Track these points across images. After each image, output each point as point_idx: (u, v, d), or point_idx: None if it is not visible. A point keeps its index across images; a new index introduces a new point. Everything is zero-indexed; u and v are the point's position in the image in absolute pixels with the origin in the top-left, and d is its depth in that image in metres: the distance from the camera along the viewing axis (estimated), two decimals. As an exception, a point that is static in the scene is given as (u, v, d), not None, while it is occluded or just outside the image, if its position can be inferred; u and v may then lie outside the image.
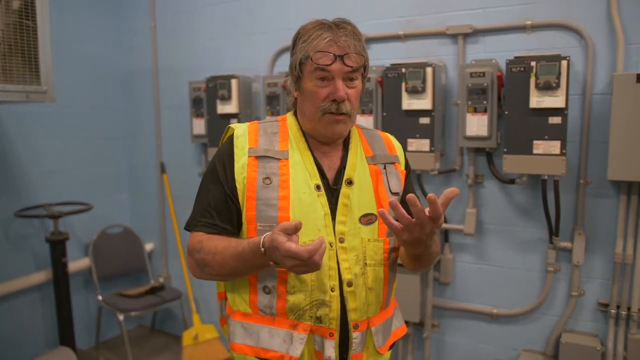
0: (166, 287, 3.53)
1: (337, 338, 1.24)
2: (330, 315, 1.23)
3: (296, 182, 1.24)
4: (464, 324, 2.78)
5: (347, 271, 1.25)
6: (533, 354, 2.59)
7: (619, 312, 2.37)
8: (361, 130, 1.42)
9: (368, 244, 1.29)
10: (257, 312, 1.27)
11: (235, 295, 1.31)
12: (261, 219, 1.23)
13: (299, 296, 1.22)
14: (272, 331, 1.25)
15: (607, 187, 2.37)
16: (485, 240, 2.68)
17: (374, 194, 1.32)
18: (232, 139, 1.31)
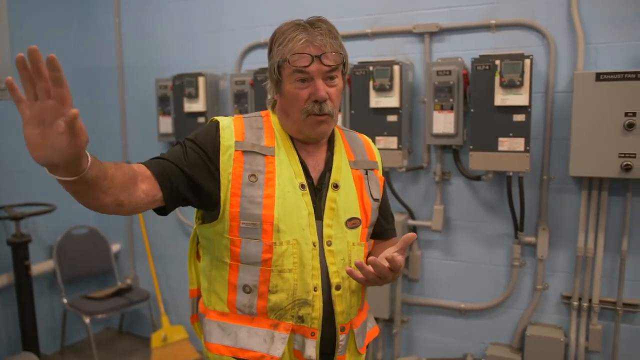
0: (134, 289, 3.47)
1: (319, 337, 1.24)
2: (313, 314, 1.23)
3: (281, 180, 1.23)
4: (433, 319, 2.82)
5: (335, 275, 1.25)
6: (500, 347, 2.65)
7: (581, 304, 2.44)
8: (343, 132, 1.42)
9: (353, 248, 1.30)
10: (235, 312, 1.25)
11: (212, 294, 1.29)
12: (245, 217, 1.21)
13: (281, 295, 1.22)
14: (252, 331, 1.24)
15: (569, 183, 2.44)
16: (453, 237, 2.72)
17: (358, 198, 1.33)
18: (217, 129, 1.24)
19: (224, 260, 1.24)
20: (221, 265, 1.25)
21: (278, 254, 1.20)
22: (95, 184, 1.00)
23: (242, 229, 1.21)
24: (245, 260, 1.22)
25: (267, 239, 1.20)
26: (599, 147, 2.16)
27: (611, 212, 2.37)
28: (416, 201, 2.77)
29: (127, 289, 3.42)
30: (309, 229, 1.23)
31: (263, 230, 1.20)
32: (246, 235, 1.21)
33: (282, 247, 1.20)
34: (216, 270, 1.27)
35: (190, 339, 3.29)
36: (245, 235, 1.21)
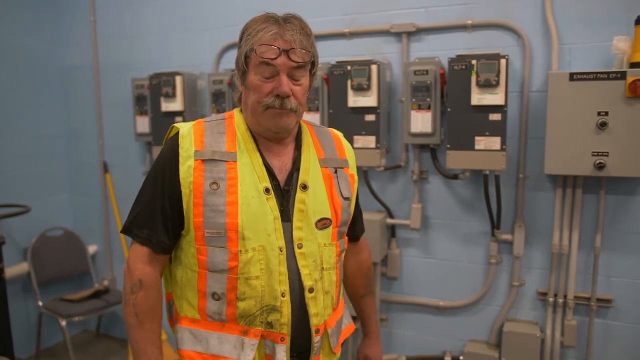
0: (111, 290, 3.42)
1: (288, 342, 1.23)
2: (282, 320, 1.22)
3: (244, 186, 1.21)
4: (412, 317, 2.83)
5: (308, 277, 1.25)
6: (477, 344, 2.68)
7: (556, 300, 2.48)
8: (312, 127, 1.39)
9: (324, 249, 1.29)
10: (206, 319, 1.24)
11: (183, 301, 1.28)
12: (209, 226, 1.19)
13: (249, 302, 1.21)
14: (222, 337, 1.23)
15: (544, 181, 2.47)
16: (431, 235, 2.74)
17: (328, 198, 1.31)
18: (176, 139, 1.25)
19: (193, 268, 1.24)
20: (191, 274, 1.25)
21: (244, 262, 1.19)
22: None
23: (207, 237, 1.20)
24: (212, 268, 1.21)
25: (233, 246, 1.19)
26: (572, 146, 2.20)
27: (585, 209, 2.41)
28: (394, 200, 2.78)
29: (105, 290, 3.38)
30: (274, 234, 1.21)
31: (228, 238, 1.19)
32: (211, 243, 1.20)
33: (247, 254, 1.19)
34: (186, 277, 1.26)
35: (168, 340, 3.26)
36: (211, 243, 1.20)
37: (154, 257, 1.25)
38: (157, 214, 1.23)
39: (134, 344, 1.24)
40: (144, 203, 1.25)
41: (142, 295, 1.23)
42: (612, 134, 2.12)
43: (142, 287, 1.23)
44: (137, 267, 1.24)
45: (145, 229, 1.24)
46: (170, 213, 1.23)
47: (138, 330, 1.23)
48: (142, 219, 1.25)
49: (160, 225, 1.23)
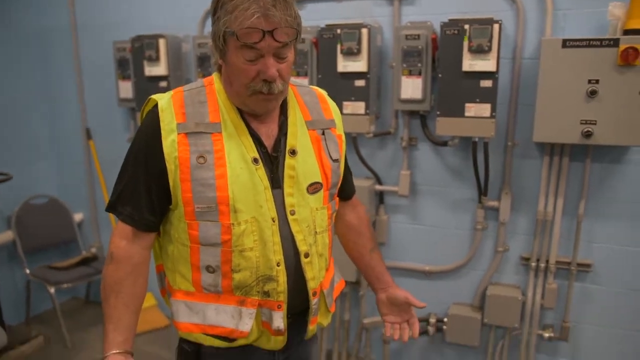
0: (99, 258, 3.42)
1: (285, 308, 1.24)
2: (278, 289, 1.22)
3: (232, 157, 1.18)
4: (398, 281, 2.83)
5: (302, 243, 1.24)
6: (461, 306, 2.75)
7: (539, 265, 2.55)
8: (295, 88, 1.34)
9: (317, 213, 1.28)
10: (202, 291, 1.24)
11: (176, 274, 1.27)
12: (199, 201, 1.17)
13: (245, 274, 1.20)
14: (219, 308, 1.23)
15: (532, 149, 2.49)
16: (419, 201, 2.76)
17: (317, 161, 1.29)
18: (156, 113, 1.18)
19: (184, 243, 1.22)
20: (182, 248, 1.23)
21: (237, 235, 1.18)
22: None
23: (197, 212, 1.17)
24: (205, 242, 1.20)
25: (225, 220, 1.17)
26: (562, 114, 2.21)
27: (571, 177, 2.45)
28: (383, 167, 2.79)
29: (93, 258, 3.37)
30: (266, 204, 1.19)
31: (219, 212, 1.17)
32: (203, 218, 1.18)
33: (240, 227, 1.18)
34: (178, 252, 1.25)
35: (158, 305, 3.29)
36: (202, 218, 1.18)
37: (138, 235, 1.22)
38: (140, 192, 1.19)
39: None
40: (127, 180, 1.21)
41: (111, 268, 1.21)
42: (602, 102, 2.13)
43: (112, 260, 1.21)
44: (113, 240, 1.22)
45: (129, 207, 1.21)
46: (155, 190, 1.19)
47: (103, 303, 1.21)
48: (126, 196, 1.21)
49: (145, 203, 1.20)
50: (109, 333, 1.18)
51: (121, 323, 1.20)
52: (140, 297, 1.25)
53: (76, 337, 3.22)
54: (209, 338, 1.25)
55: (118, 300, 1.20)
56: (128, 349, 1.19)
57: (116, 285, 1.20)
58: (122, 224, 1.22)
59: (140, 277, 1.24)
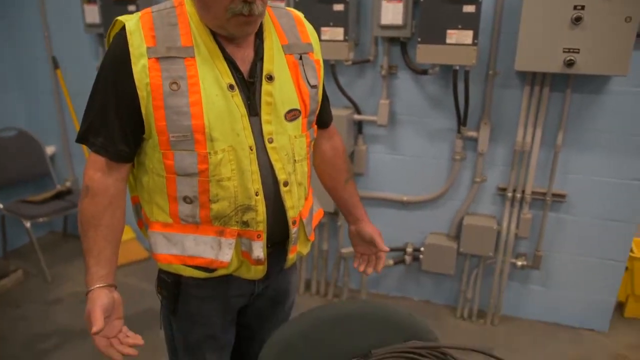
0: (74, 191, 3.37)
1: (265, 238, 1.23)
2: (257, 218, 1.20)
3: (206, 84, 1.11)
4: (376, 212, 2.91)
5: (281, 171, 1.21)
6: (438, 236, 2.80)
7: (515, 195, 2.58)
8: (271, 10, 1.27)
9: (295, 141, 1.24)
10: (179, 222, 1.21)
11: (153, 205, 1.23)
12: (173, 129, 1.11)
13: (223, 204, 1.18)
14: (198, 239, 1.21)
15: (513, 78, 2.44)
16: (398, 131, 2.73)
17: (295, 87, 1.23)
18: (124, 36, 1.11)
19: (160, 173, 1.18)
20: (158, 179, 1.19)
21: (214, 164, 1.14)
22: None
23: (172, 142, 1.12)
24: (181, 173, 1.16)
25: (201, 149, 1.13)
26: (545, 42, 2.14)
27: (550, 107, 2.42)
28: (362, 95, 2.72)
29: (67, 191, 3.32)
30: (243, 132, 1.15)
31: (195, 141, 1.12)
32: (178, 147, 1.13)
33: (217, 156, 1.14)
34: (154, 182, 1.21)
35: (137, 238, 3.29)
36: (177, 147, 1.13)
37: (112, 166, 1.18)
38: (112, 121, 1.14)
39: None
40: (97, 109, 1.15)
41: (87, 201, 1.17)
42: (586, 30, 2.07)
43: (88, 194, 1.17)
44: (87, 173, 1.18)
45: (101, 137, 1.15)
46: (127, 119, 1.13)
47: (82, 239, 1.19)
48: (97, 127, 1.15)
49: (117, 133, 1.14)
50: (91, 267, 1.17)
51: (102, 256, 1.18)
52: (120, 230, 1.23)
53: (55, 270, 3.23)
54: (189, 269, 1.24)
55: (97, 234, 1.17)
56: (111, 282, 1.18)
57: (94, 219, 1.17)
58: (95, 155, 1.17)
59: (118, 210, 1.20)
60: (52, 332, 2.64)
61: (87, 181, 1.17)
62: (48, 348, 2.52)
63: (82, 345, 2.54)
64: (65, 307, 2.89)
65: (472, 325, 2.81)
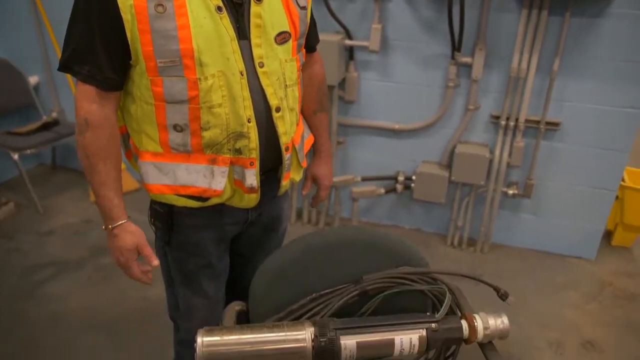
0: (61, 122, 3.30)
1: (258, 166, 1.22)
2: (250, 145, 1.18)
3: (193, 5, 1.06)
4: (368, 140, 2.89)
5: (273, 96, 1.18)
6: (430, 164, 2.80)
7: (508, 123, 2.55)
8: None
9: (286, 65, 1.21)
10: (170, 151, 1.18)
11: (142, 135, 1.20)
12: (161, 55, 1.06)
13: (215, 131, 1.15)
14: (190, 168, 1.19)
15: (509, 1, 2.35)
16: (390, 57, 2.65)
17: (284, 9, 1.19)
18: None
19: (148, 101, 1.13)
20: (147, 107, 1.15)
21: (205, 90, 1.10)
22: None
23: (160, 67, 1.08)
24: (170, 100, 1.12)
25: (191, 75, 1.09)
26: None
27: (548, 32, 2.35)
28: (353, 20, 2.62)
29: (54, 122, 3.26)
30: (233, 56, 1.11)
31: (184, 66, 1.08)
32: (167, 73, 1.08)
33: (207, 82, 1.10)
34: (142, 111, 1.17)
35: (127, 169, 3.27)
36: (166, 73, 1.08)
37: (103, 95, 1.14)
38: (97, 47, 1.08)
39: (92, 187, 1.20)
40: (80, 35, 1.09)
41: (90, 135, 1.14)
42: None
43: (89, 127, 1.14)
44: (82, 105, 1.14)
45: (87, 65, 1.10)
46: (113, 44, 1.08)
47: (92, 174, 1.17)
48: (81, 54, 1.10)
49: (104, 60, 1.09)
50: (113, 199, 1.18)
51: (119, 187, 1.20)
52: (121, 159, 1.23)
53: (47, 202, 3.23)
54: (182, 199, 1.23)
55: (108, 165, 1.17)
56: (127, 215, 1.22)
57: (101, 151, 1.15)
58: (84, 85, 1.12)
59: (118, 139, 1.21)
60: (48, 262, 2.68)
61: (84, 114, 1.13)
62: (44, 278, 2.56)
63: (77, 274, 2.59)
64: (59, 238, 2.91)
65: (462, 253, 2.87)
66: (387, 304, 1.19)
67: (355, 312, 1.20)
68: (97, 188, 1.17)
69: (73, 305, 2.37)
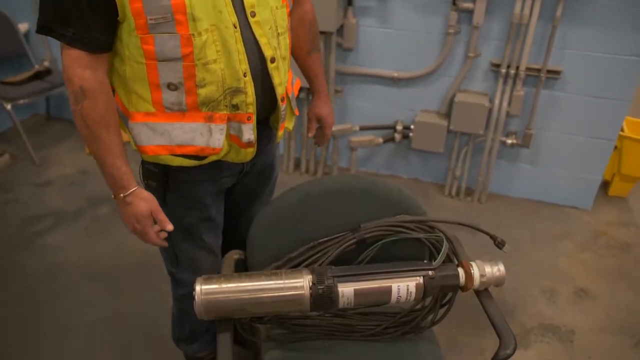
0: (54, 72, 3.23)
1: (254, 120, 1.19)
2: (247, 100, 1.15)
3: None
4: (366, 88, 2.85)
5: (267, 47, 1.15)
6: (429, 113, 2.77)
7: (508, 72, 2.50)
8: None
9: (277, 12, 1.17)
10: (164, 110, 1.14)
11: (132, 95, 1.14)
12: (151, 11, 1.00)
13: (211, 88, 1.11)
14: (185, 127, 1.16)
15: (515, -59, 2.26)
16: (390, 3, 2.57)
17: None
18: None
19: (139, 60, 1.08)
20: (137, 66, 1.09)
21: (199, 47, 1.06)
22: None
23: (150, 24, 1.02)
24: (162, 58, 1.07)
25: (184, 31, 1.03)
26: None
27: (553, -26, 2.27)
28: (352, -35, 2.53)
29: (46, 71, 3.19)
30: (226, 9, 1.06)
31: (176, 22, 1.02)
32: (158, 30, 1.03)
33: (201, 37, 1.05)
34: (132, 70, 1.11)
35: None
36: (157, 30, 1.03)
37: (93, 58, 1.06)
38: (82, 5, 1.00)
39: (96, 156, 1.15)
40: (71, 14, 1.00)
41: (88, 103, 1.08)
42: None
43: (86, 95, 1.07)
44: (74, 72, 1.06)
45: (72, 27, 1.02)
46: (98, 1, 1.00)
47: (95, 143, 1.12)
48: (64, 14, 1.01)
49: (90, 19, 1.01)
50: (121, 167, 1.13)
51: (124, 154, 1.15)
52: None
53: (42, 153, 3.21)
54: (178, 158, 1.20)
55: (111, 133, 1.12)
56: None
57: (102, 119, 1.10)
58: (72, 49, 1.04)
59: (114, 103, 1.14)
60: (46, 213, 2.68)
61: (79, 81, 1.06)
62: (43, 229, 2.57)
63: (74, 225, 2.60)
64: (56, 189, 2.91)
65: (460, 202, 2.89)
66: (385, 252, 1.20)
67: (353, 260, 1.21)
68: (103, 157, 1.13)
69: (71, 256, 2.40)
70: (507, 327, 1.09)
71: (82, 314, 2.08)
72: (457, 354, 1.94)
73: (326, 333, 1.33)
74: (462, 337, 2.01)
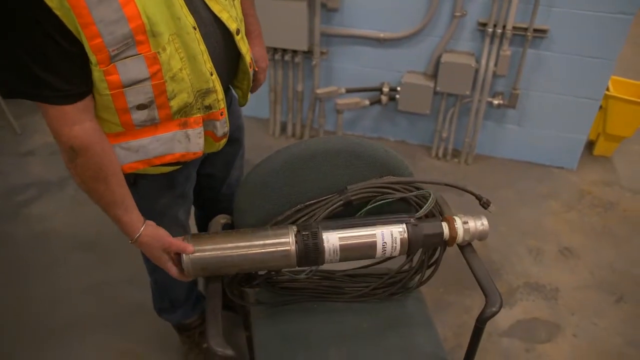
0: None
1: (227, 114, 1.17)
2: (218, 97, 1.12)
3: None
4: (352, 50, 2.80)
5: (230, 20, 1.11)
6: (415, 74, 2.74)
7: (495, 31, 2.47)
8: None
9: None
10: (134, 129, 1.07)
11: (99, 120, 1.04)
12: (112, 43, 0.90)
13: (182, 97, 1.06)
14: (161, 138, 1.10)
15: None
16: (375, -38, 2.51)
17: None
18: None
19: (102, 92, 0.98)
20: (101, 97, 0.99)
21: (166, 62, 0.99)
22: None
23: (113, 56, 0.92)
24: (129, 83, 0.98)
25: (145, 50, 0.95)
26: None
27: None
28: None
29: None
30: (182, 11, 0.98)
31: (137, 43, 0.93)
32: (119, 57, 0.93)
33: (166, 52, 0.98)
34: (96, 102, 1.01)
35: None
36: (118, 58, 0.93)
37: (78, 108, 0.96)
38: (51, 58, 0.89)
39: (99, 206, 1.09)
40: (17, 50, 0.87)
41: (82, 161, 1.00)
42: None
43: (78, 154, 0.99)
44: (62, 133, 0.96)
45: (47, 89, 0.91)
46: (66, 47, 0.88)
47: (94, 198, 1.07)
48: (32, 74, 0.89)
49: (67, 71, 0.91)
50: (123, 217, 1.08)
51: (127, 202, 1.09)
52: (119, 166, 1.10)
53: (23, 122, 3.14)
54: (157, 167, 1.17)
55: (110, 185, 1.05)
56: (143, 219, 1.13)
57: (98, 173, 1.03)
58: (52, 107, 0.94)
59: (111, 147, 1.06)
60: (30, 183, 2.65)
61: (67, 141, 0.97)
62: (27, 199, 2.54)
63: (60, 194, 2.57)
64: (39, 158, 2.86)
65: (447, 164, 2.89)
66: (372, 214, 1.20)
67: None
68: (106, 210, 1.08)
69: (58, 225, 2.38)
70: (492, 284, 1.10)
71: (72, 282, 2.08)
72: (444, 313, 1.98)
73: (315, 295, 1.34)
74: (449, 297, 2.04)
